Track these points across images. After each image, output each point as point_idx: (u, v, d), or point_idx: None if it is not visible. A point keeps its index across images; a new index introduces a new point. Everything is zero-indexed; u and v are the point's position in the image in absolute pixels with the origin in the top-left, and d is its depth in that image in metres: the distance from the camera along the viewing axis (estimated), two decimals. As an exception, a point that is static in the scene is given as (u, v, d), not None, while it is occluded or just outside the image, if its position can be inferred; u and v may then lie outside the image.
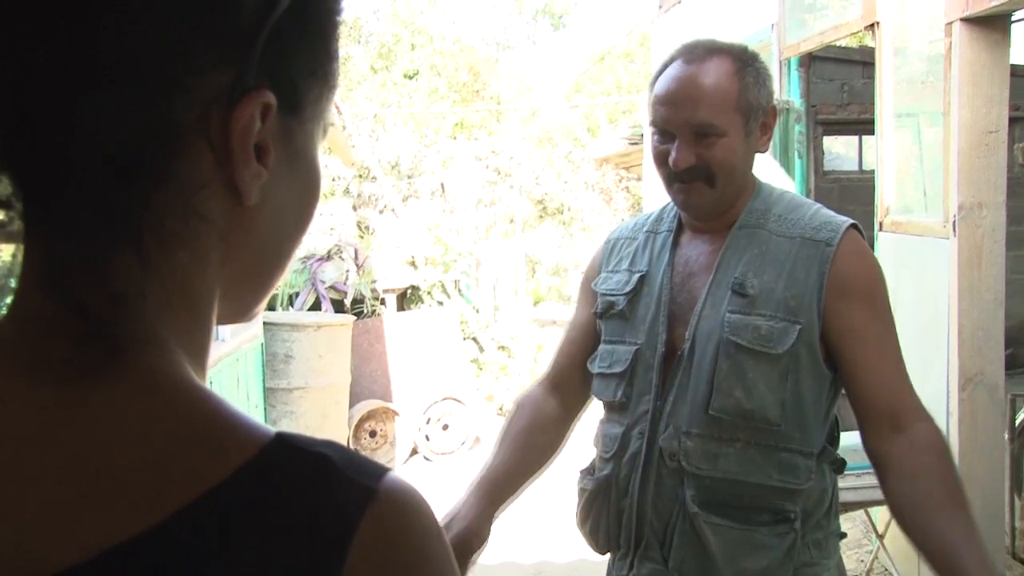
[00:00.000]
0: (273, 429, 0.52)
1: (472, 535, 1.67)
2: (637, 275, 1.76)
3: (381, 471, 0.52)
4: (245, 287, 0.58)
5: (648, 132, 1.72)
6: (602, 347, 1.80)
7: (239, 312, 0.60)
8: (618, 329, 1.77)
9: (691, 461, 1.62)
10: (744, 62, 1.65)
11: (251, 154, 0.52)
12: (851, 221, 1.67)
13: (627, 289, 1.76)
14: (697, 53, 1.65)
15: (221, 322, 0.58)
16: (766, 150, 1.72)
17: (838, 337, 1.60)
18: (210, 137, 0.50)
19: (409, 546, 0.51)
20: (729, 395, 1.60)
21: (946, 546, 1.42)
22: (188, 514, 0.47)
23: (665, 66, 1.68)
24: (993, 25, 3.30)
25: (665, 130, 1.65)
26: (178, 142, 0.49)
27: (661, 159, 1.67)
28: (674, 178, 1.65)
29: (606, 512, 1.74)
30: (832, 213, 1.70)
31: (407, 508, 0.52)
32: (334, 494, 0.50)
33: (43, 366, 0.49)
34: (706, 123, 1.61)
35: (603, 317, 1.81)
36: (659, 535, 1.66)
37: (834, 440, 1.69)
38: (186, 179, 0.50)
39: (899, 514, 1.55)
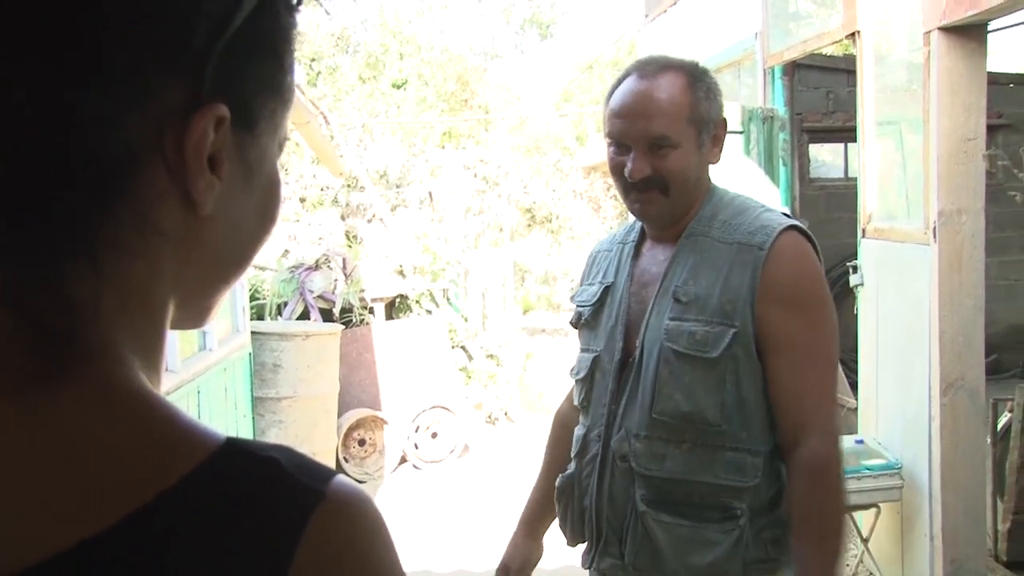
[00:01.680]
0: (223, 434, 0.53)
1: (518, 560, 2.00)
2: (603, 286, 1.86)
3: (329, 475, 0.53)
4: (200, 294, 0.59)
5: (604, 144, 1.81)
6: (577, 355, 1.91)
7: (193, 318, 0.61)
8: (586, 338, 1.88)
9: (640, 462, 1.70)
10: (695, 77, 1.73)
11: (205, 166, 0.53)
12: (790, 223, 1.72)
13: (593, 300, 1.87)
14: (650, 69, 1.73)
15: (175, 327, 0.59)
16: (717, 161, 1.79)
17: (763, 342, 1.67)
18: (164, 151, 0.51)
19: (356, 549, 0.52)
20: (669, 399, 1.68)
21: (798, 569, 1.63)
22: (138, 518, 0.48)
23: (620, 81, 1.76)
24: (970, 34, 3.35)
25: (621, 142, 1.73)
26: (133, 158, 0.50)
27: (617, 170, 1.74)
28: (630, 188, 1.73)
29: (571, 509, 1.85)
30: (775, 216, 1.74)
31: (355, 511, 0.53)
32: (282, 497, 0.51)
33: (1, 377, 0.49)
34: (660, 135, 1.69)
35: (576, 327, 1.92)
36: (616, 532, 1.75)
37: None
38: (141, 192, 0.51)
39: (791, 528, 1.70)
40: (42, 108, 0.48)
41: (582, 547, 1.91)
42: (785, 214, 1.77)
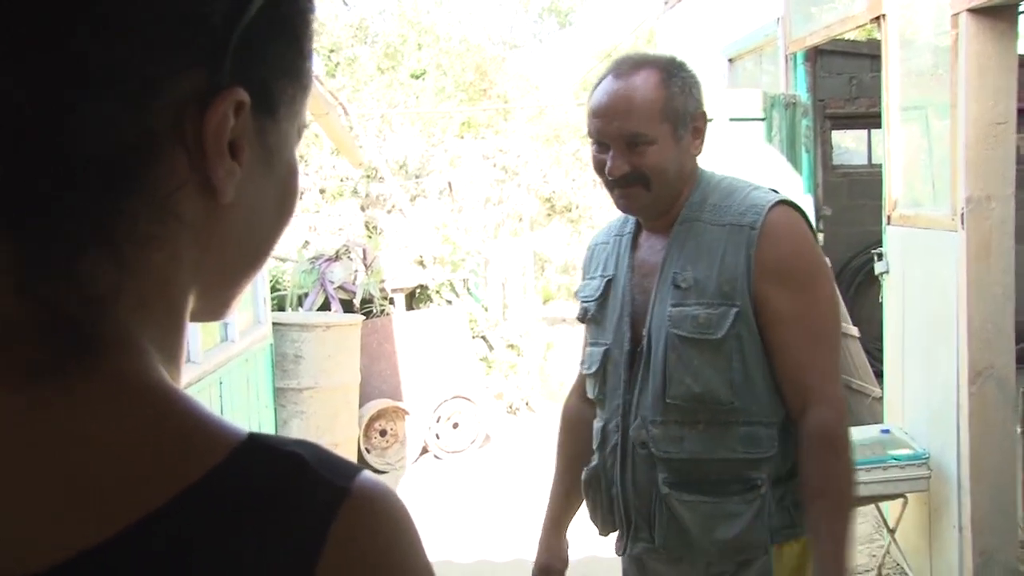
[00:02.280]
0: (245, 430, 0.52)
1: (550, 563, 2.00)
2: (605, 280, 1.90)
3: (354, 471, 0.52)
4: (220, 285, 0.58)
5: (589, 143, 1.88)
6: (586, 349, 1.95)
7: (213, 310, 0.60)
8: (593, 332, 1.93)
9: (659, 446, 1.76)
10: (670, 73, 1.78)
11: (225, 152, 0.52)
12: (779, 198, 1.76)
13: (597, 294, 1.91)
14: (625, 68, 1.79)
15: (195, 320, 0.58)
16: (699, 153, 1.83)
17: (762, 318, 1.72)
18: (184, 139, 0.50)
19: (383, 545, 0.51)
20: (680, 383, 1.73)
21: (815, 541, 1.68)
22: (161, 516, 0.47)
23: (599, 82, 1.81)
24: (1000, 16, 3.28)
25: (600, 141, 1.78)
26: (152, 146, 0.49)
27: (600, 167, 1.80)
28: (613, 184, 1.78)
29: (600, 500, 1.89)
30: (763, 193, 1.78)
31: (380, 507, 0.51)
32: (307, 494, 0.50)
33: (14, 369, 0.48)
34: (635, 132, 1.74)
35: (583, 322, 1.97)
36: (644, 516, 1.80)
37: None
38: (161, 182, 0.50)
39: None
40: (43, 107, 0.47)
41: (605, 537, 1.94)
42: (773, 190, 1.81)
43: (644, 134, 1.73)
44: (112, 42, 0.48)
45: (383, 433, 6.56)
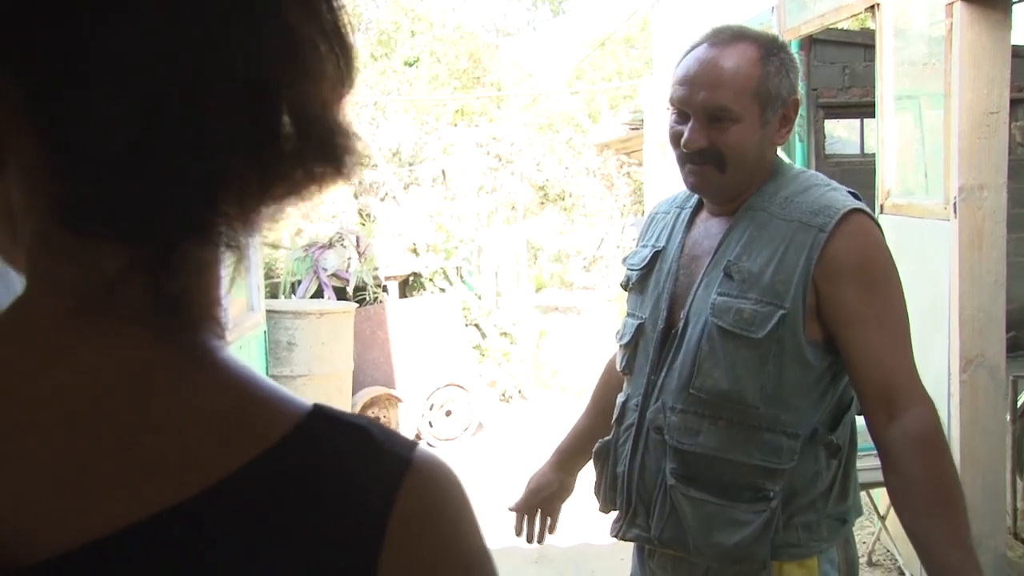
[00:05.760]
0: (309, 402, 0.54)
1: (542, 487, 2.01)
2: (654, 251, 1.81)
3: (413, 443, 0.55)
4: None
5: (667, 112, 1.75)
6: (623, 319, 1.87)
7: None
8: (633, 302, 1.84)
9: (673, 435, 1.67)
10: (769, 51, 1.65)
11: None
12: (855, 206, 1.64)
13: (642, 264, 1.82)
14: (723, 38, 1.66)
15: None
16: (784, 142, 1.72)
17: (832, 321, 1.60)
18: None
19: (445, 513, 0.54)
20: (709, 375, 1.64)
21: (929, 553, 1.53)
22: (233, 483, 0.50)
23: (691, 49, 1.69)
24: (994, 6, 3.29)
25: (681, 110, 1.67)
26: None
27: (675, 139, 1.68)
28: (686, 159, 1.67)
29: (605, 475, 1.83)
30: (840, 196, 1.66)
31: (441, 477, 0.55)
32: (375, 464, 0.53)
33: (129, 344, 0.51)
34: (720, 106, 1.62)
35: (626, 289, 1.88)
36: (645, 503, 1.73)
37: (836, 424, 1.68)
38: (244, 186, 0.52)
39: (895, 508, 1.62)
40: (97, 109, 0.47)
41: (599, 523, 1.94)
42: (853, 194, 1.68)
43: (730, 109, 1.61)
44: (142, 39, 0.49)
45: (376, 421, 6.57)
